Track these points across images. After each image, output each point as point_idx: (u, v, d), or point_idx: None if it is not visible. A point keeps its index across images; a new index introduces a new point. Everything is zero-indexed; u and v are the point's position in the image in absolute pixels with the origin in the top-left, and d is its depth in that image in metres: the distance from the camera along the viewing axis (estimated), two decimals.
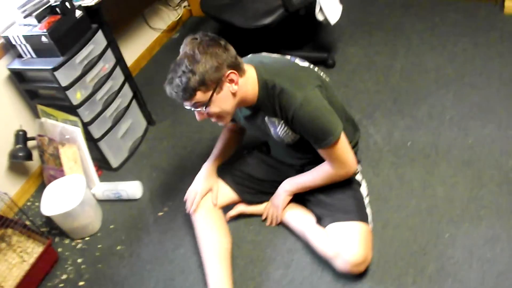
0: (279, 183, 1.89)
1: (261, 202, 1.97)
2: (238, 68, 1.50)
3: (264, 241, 1.91)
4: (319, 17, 2.49)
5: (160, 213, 2.13)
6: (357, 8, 3.15)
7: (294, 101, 1.50)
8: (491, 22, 2.74)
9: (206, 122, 1.87)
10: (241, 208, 1.98)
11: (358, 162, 1.87)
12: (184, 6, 3.56)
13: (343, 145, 1.59)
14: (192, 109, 1.52)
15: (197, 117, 1.56)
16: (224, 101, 1.51)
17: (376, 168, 2.08)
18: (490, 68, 2.45)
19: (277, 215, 1.89)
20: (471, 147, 2.07)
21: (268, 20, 2.38)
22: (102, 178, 2.35)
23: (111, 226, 2.14)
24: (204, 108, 1.50)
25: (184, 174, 2.29)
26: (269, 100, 1.56)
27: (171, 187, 2.25)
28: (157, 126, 2.66)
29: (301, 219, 1.84)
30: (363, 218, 1.69)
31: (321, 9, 2.45)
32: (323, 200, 1.77)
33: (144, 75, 3.10)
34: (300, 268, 1.78)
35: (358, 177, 1.84)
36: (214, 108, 1.51)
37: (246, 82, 1.53)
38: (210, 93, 1.47)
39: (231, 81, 1.49)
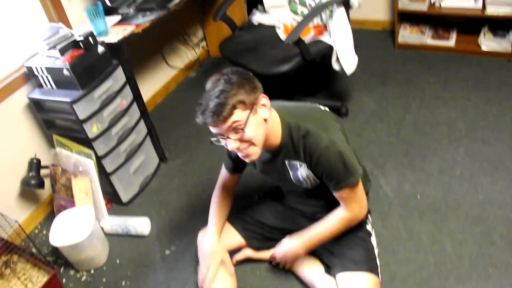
0: (288, 230, 1.88)
1: (268, 248, 1.96)
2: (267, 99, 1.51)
3: (271, 287, 1.90)
4: (336, 66, 2.54)
5: (167, 252, 2.13)
6: (372, 58, 3.22)
7: (320, 143, 1.50)
8: (504, 79, 2.78)
9: (218, 163, 1.89)
10: (248, 252, 1.97)
11: (369, 212, 1.88)
12: (202, 47, 3.65)
13: (361, 187, 1.62)
14: (225, 136, 1.44)
15: (230, 145, 1.45)
16: (258, 125, 1.45)
17: (385, 220, 2.07)
18: (502, 124, 2.47)
19: (290, 263, 1.85)
20: (481, 203, 2.07)
21: (285, 68, 2.43)
22: (111, 212, 2.36)
23: (117, 261, 2.14)
24: (241, 129, 1.42)
25: (194, 214, 2.30)
26: (293, 143, 1.55)
27: (179, 225, 2.26)
28: (169, 164, 2.69)
29: (310, 267, 1.83)
30: (373, 269, 1.68)
31: (337, 59, 2.50)
32: (334, 249, 1.76)
33: (159, 111, 3.16)
34: None
35: (369, 227, 1.84)
36: (250, 132, 1.43)
37: (271, 122, 1.53)
38: (247, 112, 1.42)
39: (263, 105, 1.48)
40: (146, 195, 2.49)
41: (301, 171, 1.62)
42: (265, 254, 1.97)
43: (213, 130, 1.46)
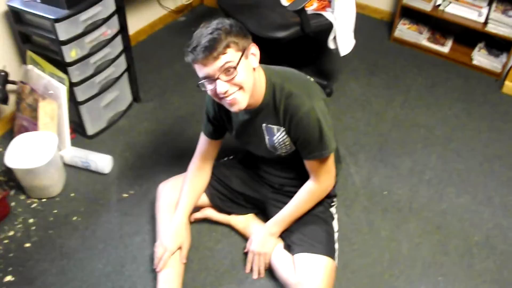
0: (252, 198, 1.88)
1: (229, 212, 1.94)
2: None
3: (224, 251, 1.88)
4: (331, 45, 2.49)
5: (125, 195, 2.07)
6: (365, 45, 3.17)
7: (302, 107, 1.50)
8: (488, 96, 2.81)
9: (192, 115, 1.82)
10: (208, 212, 1.94)
11: (335, 196, 1.88)
12: None
13: (332, 159, 1.64)
14: (215, 78, 1.38)
15: (220, 87, 1.38)
16: (248, 71, 1.42)
17: (349, 208, 2.08)
18: (477, 141, 2.50)
19: (265, 262, 1.77)
20: (443, 212, 2.10)
21: (282, 34, 2.35)
22: (74, 143, 2.25)
23: (72, 194, 2.06)
24: (234, 69, 1.37)
25: (158, 162, 2.23)
26: (274, 103, 1.53)
27: (141, 170, 2.18)
28: (142, 105, 2.58)
29: None
30: (331, 253, 1.69)
31: (335, 37, 2.45)
32: (295, 229, 1.75)
33: (140, 49, 3.01)
34: (253, 287, 1.75)
35: (333, 210, 1.84)
36: (241, 73, 1.39)
37: (257, 77, 1.49)
38: (240, 54, 1.39)
39: (253, 54, 1.45)
40: (113, 133, 2.39)
41: (278, 136, 1.60)
42: (225, 217, 1.94)
43: (202, 70, 1.39)
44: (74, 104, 2.20)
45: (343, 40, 2.46)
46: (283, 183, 1.83)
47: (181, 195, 1.80)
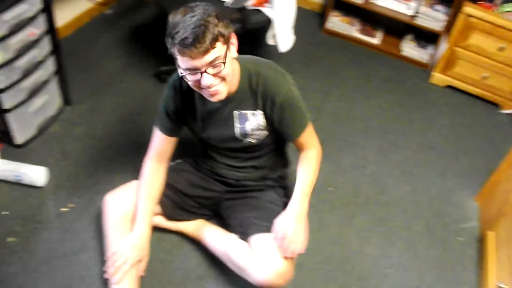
0: (204, 199, 1.84)
1: (179, 219, 1.87)
2: None
3: (176, 262, 1.82)
4: (270, 41, 2.47)
5: (64, 209, 1.93)
6: (300, 37, 3.17)
7: (282, 87, 1.56)
8: (418, 87, 2.93)
9: (129, 116, 1.71)
10: (158, 220, 1.85)
11: (288, 187, 1.90)
12: None
13: (311, 124, 1.70)
14: (201, 71, 1.36)
15: (205, 80, 1.38)
16: (232, 62, 1.45)
17: None
18: (411, 131, 2.61)
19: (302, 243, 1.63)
20: (386, 204, 2.18)
21: None
22: (3, 154, 2.06)
23: (4, 213, 1.89)
24: (222, 63, 1.37)
25: (97, 170, 2.10)
26: (251, 89, 1.56)
27: (80, 181, 2.05)
28: (74, 108, 2.41)
29: (222, 237, 1.78)
30: None
31: (274, 35, 2.42)
32: (251, 216, 1.73)
33: (67, 46, 2.79)
34: None
35: (286, 200, 1.85)
36: (227, 68, 1.40)
37: (234, 66, 1.50)
38: (225, 47, 1.39)
39: (232, 44, 1.44)
40: (45, 141, 2.21)
41: (251, 122, 1.60)
42: (175, 225, 1.88)
43: (188, 63, 1.35)
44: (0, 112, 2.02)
45: (283, 36, 2.44)
46: (240, 178, 1.80)
47: (139, 203, 1.69)
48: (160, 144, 1.73)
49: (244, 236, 1.70)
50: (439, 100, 2.87)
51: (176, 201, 1.83)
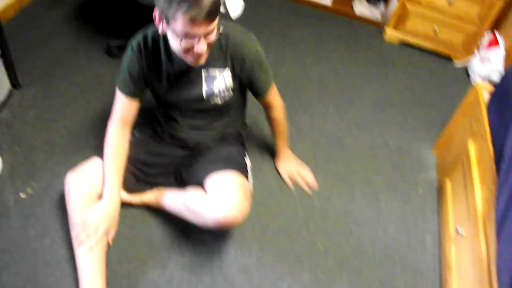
0: (164, 166, 1.85)
1: (140, 191, 1.85)
2: None
3: (140, 237, 1.82)
4: (220, 8, 2.43)
5: (23, 195, 1.89)
6: (250, 3, 3.14)
7: (250, 47, 1.64)
8: (372, 45, 2.96)
9: (81, 96, 1.68)
10: (121, 196, 1.84)
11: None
12: None
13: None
14: (199, 38, 1.40)
15: (201, 47, 1.42)
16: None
17: (257, 172, 2.10)
18: (366, 89, 2.64)
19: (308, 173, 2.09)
20: (346, 162, 2.22)
21: None
22: None
23: None
24: (212, 32, 1.44)
25: (53, 152, 2.06)
26: (221, 49, 1.60)
27: (36, 165, 2.01)
28: (24, 91, 2.34)
29: (180, 193, 1.78)
30: (244, 172, 1.75)
31: (223, 2, 2.39)
32: (207, 164, 1.77)
33: (11, 28, 2.70)
34: (178, 268, 1.73)
35: (246, 158, 1.91)
36: (215, 34, 1.47)
37: None
38: (217, 18, 1.44)
39: None
40: None
41: (219, 82, 1.66)
42: (137, 198, 1.86)
43: (190, 28, 1.36)
44: None
45: (231, 2, 2.41)
46: (200, 140, 1.83)
47: (106, 171, 1.68)
48: (123, 108, 1.72)
49: (200, 182, 1.73)
50: (393, 57, 2.91)
51: (137, 175, 1.82)
